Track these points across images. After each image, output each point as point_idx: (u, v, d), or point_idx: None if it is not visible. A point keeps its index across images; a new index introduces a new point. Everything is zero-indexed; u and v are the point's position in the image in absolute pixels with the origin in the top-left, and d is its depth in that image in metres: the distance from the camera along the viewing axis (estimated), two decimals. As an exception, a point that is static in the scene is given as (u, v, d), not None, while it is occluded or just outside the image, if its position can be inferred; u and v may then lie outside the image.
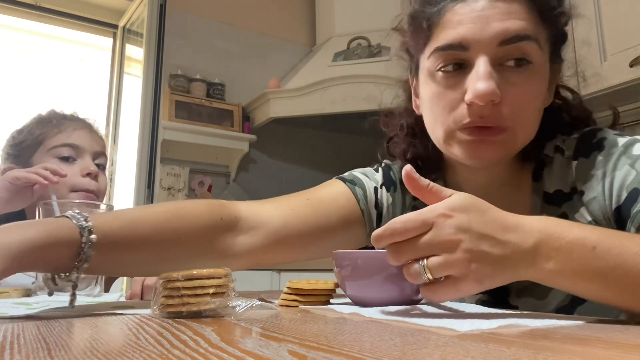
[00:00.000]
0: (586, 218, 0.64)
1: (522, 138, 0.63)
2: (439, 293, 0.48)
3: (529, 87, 0.60)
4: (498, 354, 0.31)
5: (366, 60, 2.80)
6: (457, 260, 0.46)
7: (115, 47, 3.15)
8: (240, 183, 3.01)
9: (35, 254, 0.50)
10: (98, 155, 1.10)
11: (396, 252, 0.48)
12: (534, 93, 0.60)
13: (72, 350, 0.34)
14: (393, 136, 0.76)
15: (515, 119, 0.60)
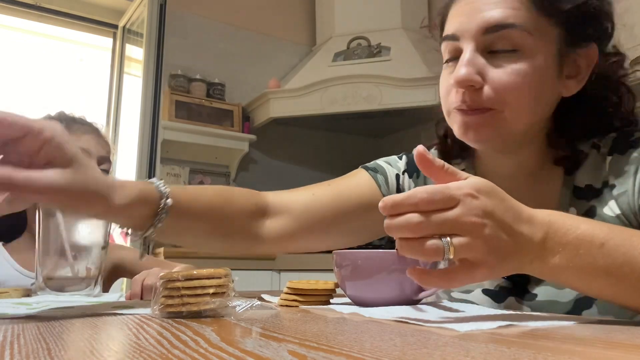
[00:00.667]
0: (614, 212, 0.64)
1: (513, 119, 0.63)
2: (454, 278, 0.46)
3: (514, 71, 0.61)
4: (498, 354, 0.31)
5: (366, 60, 2.80)
6: (479, 245, 0.45)
7: (115, 47, 3.15)
8: (240, 183, 3.01)
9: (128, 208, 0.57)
10: (103, 160, 1.11)
11: (419, 223, 0.44)
12: (521, 76, 0.61)
13: (72, 350, 0.34)
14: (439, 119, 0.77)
15: (501, 101, 0.62)
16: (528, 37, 0.61)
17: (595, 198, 0.66)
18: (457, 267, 0.46)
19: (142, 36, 2.69)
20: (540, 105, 0.64)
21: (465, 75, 0.61)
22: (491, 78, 0.62)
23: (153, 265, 1.18)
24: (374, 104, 2.65)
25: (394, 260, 0.61)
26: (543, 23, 0.62)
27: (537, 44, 0.62)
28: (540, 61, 0.62)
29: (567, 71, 0.65)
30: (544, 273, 0.50)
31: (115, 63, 3.13)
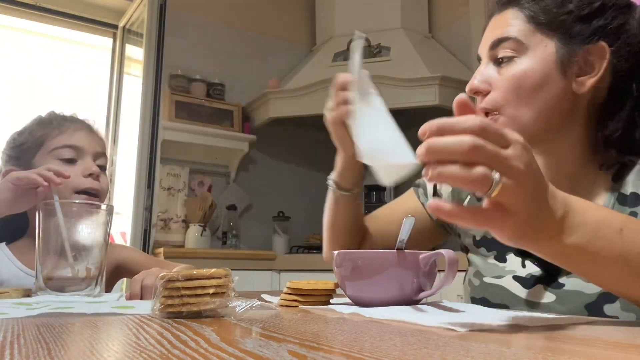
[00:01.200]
0: None
1: (514, 119, 0.70)
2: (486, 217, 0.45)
3: (513, 77, 0.70)
4: (498, 354, 0.31)
5: (366, 60, 2.80)
6: (521, 193, 0.44)
7: (115, 47, 3.15)
8: (240, 183, 3.01)
9: None
10: (99, 155, 1.10)
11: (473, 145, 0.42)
12: (515, 78, 0.70)
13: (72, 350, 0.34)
14: None
15: (505, 101, 0.71)
16: (521, 45, 0.71)
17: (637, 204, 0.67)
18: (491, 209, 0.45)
19: (142, 36, 2.69)
20: (542, 102, 0.69)
21: (472, 84, 0.74)
22: (496, 84, 0.72)
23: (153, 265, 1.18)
24: (374, 104, 2.64)
25: (394, 260, 0.61)
26: (538, 31, 0.71)
27: (532, 50, 0.70)
28: (537, 64, 0.70)
29: (576, 70, 0.69)
30: (558, 253, 0.50)
31: (115, 63, 3.13)
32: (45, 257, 0.81)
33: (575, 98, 0.70)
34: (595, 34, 0.69)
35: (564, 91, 0.69)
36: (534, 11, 0.71)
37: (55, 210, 0.81)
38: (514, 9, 0.73)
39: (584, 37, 0.69)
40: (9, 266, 1.00)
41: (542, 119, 0.70)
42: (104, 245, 0.86)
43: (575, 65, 0.69)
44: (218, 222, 2.88)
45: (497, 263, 0.78)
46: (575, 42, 0.69)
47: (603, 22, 0.69)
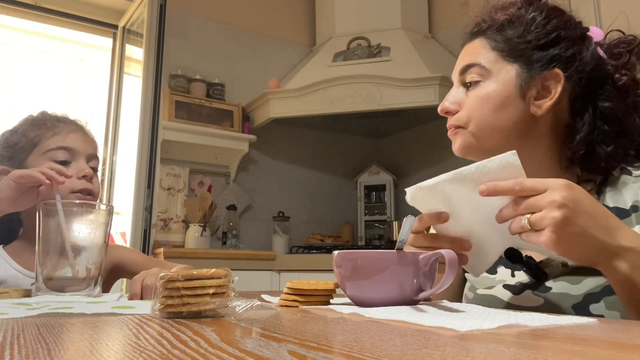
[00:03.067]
0: None
1: (477, 133, 0.80)
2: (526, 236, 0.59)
3: (477, 98, 0.80)
4: (498, 354, 0.31)
5: (366, 60, 2.80)
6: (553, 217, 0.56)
7: (115, 48, 3.15)
8: (240, 183, 3.01)
9: None
10: (91, 158, 1.10)
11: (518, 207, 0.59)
12: (479, 99, 0.80)
13: (72, 350, 0.34)
14: None
15: (469, 118, 0.81)
16: (486, 70, 0.80)
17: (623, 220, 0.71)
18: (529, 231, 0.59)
19: (142, 36, 2.69)
20: (502, 120, 0.79)
21: (443, 105, 0.84)
22: (463, 104, 0.82)
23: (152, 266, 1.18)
24: (374, 104, 2.65)
25: (394, 260, 0.61)
26: (501, 58, 0.80)
27: (495, 75, 0.80)
28: (498, 86, 0.79)
29: (534, 93, 0.78)
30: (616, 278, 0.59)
31: (115, 63, 3.13)
32: (45, 257, 0.81)
33: (534, 119, 0.78)
34: (551, 61, 0.78)
35: (523, 112, 0.78)
36: (498, 41, 0.81)
37: (55, 211, 0.81)
38: (481, 38, 0.83)
39: (542, 64, 0.78)
40: (6, 267, 1.00)
41: (501, 135, 0.79)
42: (104, 245, 0.86)
43: (533, 89, 0.78)
44: (218, 222, 2.88)
45: (489, 275, 0.83)
46: (534, 68, 0.78)
47: (558, 51, 0.78)
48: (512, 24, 0.81)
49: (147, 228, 2.43)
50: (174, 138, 2.70)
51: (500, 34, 0.81)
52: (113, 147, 2.95)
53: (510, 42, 0.80)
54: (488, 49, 0.81)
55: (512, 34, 0.80)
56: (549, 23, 0.80)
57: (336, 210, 3.24)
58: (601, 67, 0.79)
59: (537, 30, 0.80)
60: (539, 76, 0.78)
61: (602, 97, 0.78)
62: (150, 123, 2.52)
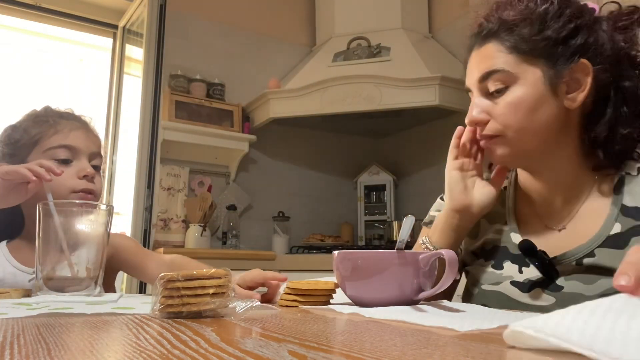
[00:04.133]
0: None
1: (517, 139, 0.77)
2: None
3: (506, 103, 0.76)
4: (498, 354, 0.31)
5: (366, 60, 2.80)
6: None
7: (115, 47, 3.15)
8: (240, 183, 3.01)
9: None
10: (94, 156, 1.08)
11: None
12: (512, 105, 0.76)
13: (72, 350, 0.34)
14: None
15: (504, 126, 0.77)
16: (511, 75, 0.76)
17: None
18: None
19: (142, 36, 2.69)
20: (539, 122, 0.75)
21: (469, 118, 0.80)
22: (494, 112, 0.78)
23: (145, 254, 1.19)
24: (374, 104, 2.65)
25: (394, 260, 0.61)
26: (523, 60, 0.76)
27: (522, 77, 0.76)
28: (529, 89, 0.75)
29: (565, 88, 0.75)
30: None
31: (115, 63, 3.13)
32: (45, 257, 0.81)
33: (568, 113, 0.76)
34: (575, 53, 0.75)
35: (558, 109, 0.76)
36: (514, 42, 0.76)
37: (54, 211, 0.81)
38: (494, 42, 0.78)
39: (566, 57, 0.75)
40: (5, 264, 1.00)
41: (540, 137, 0.76)
42: (104, 245, 0.86)
43: (563, 84, 0.75)
44: (218, 222, 2.88)
45: (495, 270, 0.81)
46: (560, 63, 0.75)
47: (580, 41, 0.75)
48: (525, 21, 0.77)
49: (147, 228, 2.43)
50: (174, 138, 2.70)
51: (515, 34, 0.77)
52: (113, 147, 2.95)
53: (528, 41, 0.76)
54: (505, 51, 0.77)
55: (528, 33, 0.76)
56: (563, 14, 0.77)
57: (336, 210, 3.24)
58: (616, 45, 0.77)
59: (554, 24, 0.76)
60: (567, 70, 0.75)
61: (622, 76, 0.76)
62: (150, 123, 2.53)
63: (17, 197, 0.90)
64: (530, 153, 0.78)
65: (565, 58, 0.75)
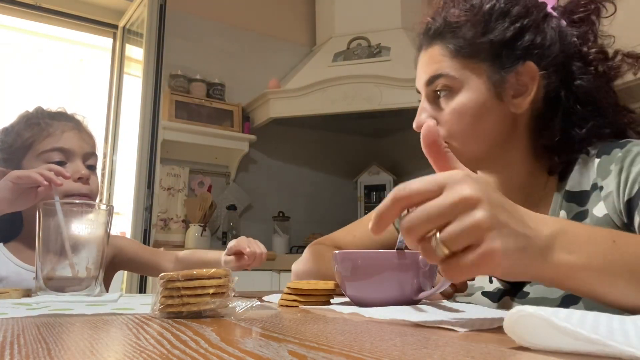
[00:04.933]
0: (602, 212, 0.66)
1: (462, 147, 0.74)
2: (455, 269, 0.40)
3: (453, 107, 0.73)
4: (498, 354, 0.31)
5: (366, 60, 2.80)
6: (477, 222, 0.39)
7: (115, 47, 3.15)
8: (240, 183, 3.01)
9: None
10: (88, 156, 1.07)
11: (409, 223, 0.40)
12: (457, 113, 0.73)
13: (72, 350, 0.34)
14: None
15: (449, 133, 0.74)
16: (455, 80, 0.73)
17: (586, 201, 0.69)
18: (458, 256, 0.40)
19: (142, 36, 2.69)
20: (484, 129, 0.73)
21: (418, 121, 0.78)
22: (440, 119, 0.75)
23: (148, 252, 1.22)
24: (374, 104, 2.65)
25: (394, 260, 0.61)
26: (467, 64, 0.73)
27: (466, 83, 0.73)
28: (474, 94, 0.72)
29: (511, 92, 0.72)
30: (560, 274, 0.45)
31: (115, 63, 3.13)
32: (45, 257, 0.81)
33: (515, 117, 0.73)
34: (521, 55, 0.71)
35: (504, 114, 0.73)
36: (458, 45, 0.73)
37: (55, 211, 0.81)
38: (439, 44, 0.75)
39: (512, 60, 0.71)
40: (7, 264, 1.00)
41: (486, 143, 0.74)
42: (104, 245, 0.86)
43: (509, 88, 0.72)
44: (218, 222, 2.88)
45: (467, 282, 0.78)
46: (504, 67, 0.72)
47: (526, 43, 0.71)
48: (468, 22, 0.73)
49: (147, 228, 2.43)
50: (174, 138, 2.70)
51: (459, 37, 0.73)
52: (113, 147, 2.95)
53: (472, 44, 0.72)
54: (450, 55, 0.74)
55: (471, 35, 0.73)
56: (509, 13, 0.72)
57: (336, 210, 3.24)
58: (567, 42, 0.73)
59: (498, 25, 0.72)
60: (512, 74, 0.72)
61: (573, 75, 0.73)
62: (150, 123, 2.52)
63: (26, 201, 0.90)
64: (478, 159, 0.75)
65: (511, 61, 0.72)
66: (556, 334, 0.31)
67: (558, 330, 0.30)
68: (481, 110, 0.72)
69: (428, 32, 0.78)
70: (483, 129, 0.73)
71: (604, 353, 0.29)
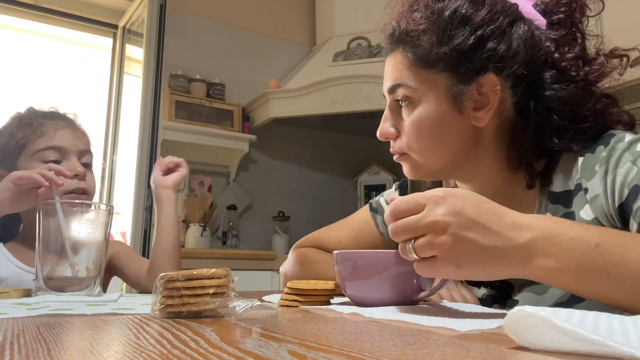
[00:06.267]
0: (590, 216, 0.65)
1: (422, 161, 0.73)
2: (420, 269, 0.52)
3: (411, 121, 0.71)
4: (498, 354, 0.31)
5: (366, 60, 2.80)
6: (440, 242, 0.49)
7: (115, 47, 3.15)
8: (240, 183, 3.01)
9: None
10: (83, 154, 1.07)
11: (392, 232, 0.53)
12: (415, 125, 0.71)
13: (72, 350, 0.34)
14: None
15: (408, 146, 0.73)
16: (414, 91, 0.71)
17: (571, 202, 0.68)
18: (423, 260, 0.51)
19: (142, 36, 2.69)
20: (443, 142, 0.71)
21: (381, 130, 0.76)
22: (402, 129, 0.74)
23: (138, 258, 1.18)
24: (374, 104, 2.64)
25: (393, 260, 0.61)
26: (426, 75, 0.70)
27: (425, 94, 0.70)
28: (430, 107, 0.70)
29: (472, 105, 0.69)
30: (539, 276, 0.50)
31: (115, 63, 3.13)
32: (45, 257, 0.81)
33: (479, 129, 0.70)
34: (481, 67, 0.67)
35: (464, 127, 0.70)
36: (417, 54, 0.70)
37: (55, 211, 0.81)
38: (400, 51, 0.73)
39: (471, 72, 0.67)
40: (7, 264, 1.00)
41: (447, 156, 0.72)
42: (104, 245, 0.86)
43: (469, 100, 0.68)
44: (218, 222, 2.88)
45: None
46: (464, 78, 0.68)
47: (487, 53, 0.67)
48: (427, 30, 0.69)
49: (147, 228, 2.43)
50: (174, 138, 2.70)
51: (417, 44, 0.70)
52: (113, 147, 2.95)
53: (430, 53, 0.68)
54: (409, 64, 0.71)
55: (429, 44, 0.68)
56: (471, 20, 0.67)
57: (336, 210, 3.24)
58: (538, 49, 0.68)
59: (458, 34, 0.67)
60: (473, 85, 0.68)
61: (545, 84, 0.68)
62: (150, 123, 2.52)
63: (27, 202, 0.90)
64: (439, 170, 0.73)
65: (471, 73, 0.67)
66: (556, 334, 0.31)
67: (558, 331, 0.31)
68: (440, 124, 0.70)
69: (392, 37, 0.76)
70: (442, 142, 0.71)
71: (604, 353, 0.29)
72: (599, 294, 0.50)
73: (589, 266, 0.48)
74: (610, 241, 0.48)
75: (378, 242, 0.91)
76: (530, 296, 0.70)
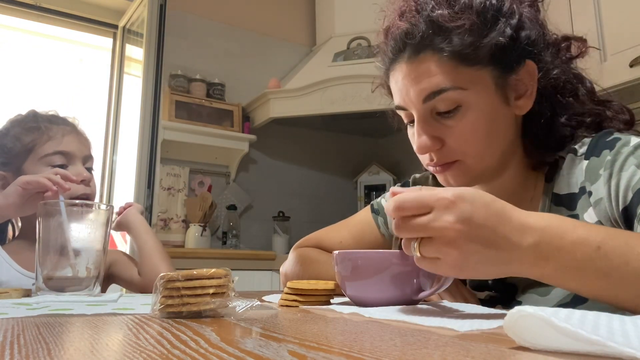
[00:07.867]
0: (593, 219, 0.65)
1: (478, 163, 0.70)
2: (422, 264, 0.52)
3: (465, 125, 0.67)
4: (498, 354, 0.31)
5: (366, 60, 2.80)
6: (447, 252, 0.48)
7: (115, 47, 3.15)
8: (240, 183, 3.01)
9: None
10: (87, 159, 1.09)
11: (396, 226, 0.51)
12: (471, 129, 0.67)
13: (72, 350, 0.34)
14: None
15: (463, 152, 0.69)
16: (463, 92, 0.66)
17: (575, 205, 0.68)
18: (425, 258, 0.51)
19: (142, 36, 2.69)
20: (498, 139, 0.69)
21: (422, 144, 0.69)
22: (448, 137, 0.68)
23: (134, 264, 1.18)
24: (374, 104, 2.64)
25: (393, 260, 0.61)
26: (471, 72, 0.66)
27: (475, 93, 0.66)
28: (483, 105, 0.67)
29: (514, 94, 0.69)
30: (542, 276, 0.51)
31: (115, 63, 3.13)
32: (45, 257, 0.81)
33: (516, 121, 0.71)
34: (522, 54, 0.68)
35: (510, 119, 0.70)
36: (457, 53, 0.65)
37: (55, 211, 0.81)
38: (430, 53, 0.67)
39: (512, 61, 0.68)
40: (7, 269, 1.00)
41: (499, 152, 0.70)
42: (104, 245, 0.86)
43: (512, 90, 0.69)
44: (218, 222, 2.88)
45: None
46: (507, 69, 0.68)
47: (524, 39, 0.67)
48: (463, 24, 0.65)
49: (147, 228, 2.43)
50: (174, 138, 2.70)
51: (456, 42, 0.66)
52: (113, 147, 2.95)
53: (474, 49, 0.65)
54: (448, 64, 0.66)
55: (471, 39, 0.65)
56: (501, 10, 0.67)
57: (336, 210, 3.24)
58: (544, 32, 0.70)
59: (495, 25, 0.66)
60: (514, 74, 0.68)
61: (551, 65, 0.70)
62: (150, 123, 2.52)
63: (33, 206, 0.90)
64: (488, 170, 0.71)
65: (512, 62, 0.67)
66: (556, 334, 0.31)
67: (558, 331, 0.31)
68: (493, 120, 0.68)
69: (411, 39, 0.68)
70: (497, 139, 0.69)
71: (604, 353, 0.29)
72: (600, 295, 0.50)
73: (589, 268, 0.48)
74: (613, 243, 0.49)
75: (379, 243, 0.91)
76: (534, 297, 0.70)
